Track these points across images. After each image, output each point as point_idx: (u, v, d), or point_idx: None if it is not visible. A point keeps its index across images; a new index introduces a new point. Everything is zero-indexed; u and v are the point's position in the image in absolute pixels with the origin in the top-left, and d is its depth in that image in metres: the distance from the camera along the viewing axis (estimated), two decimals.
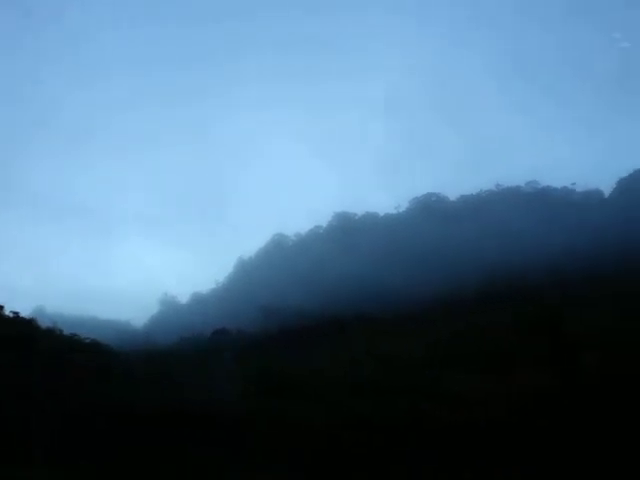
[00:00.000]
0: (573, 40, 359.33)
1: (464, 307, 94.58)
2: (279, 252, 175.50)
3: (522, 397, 59.12)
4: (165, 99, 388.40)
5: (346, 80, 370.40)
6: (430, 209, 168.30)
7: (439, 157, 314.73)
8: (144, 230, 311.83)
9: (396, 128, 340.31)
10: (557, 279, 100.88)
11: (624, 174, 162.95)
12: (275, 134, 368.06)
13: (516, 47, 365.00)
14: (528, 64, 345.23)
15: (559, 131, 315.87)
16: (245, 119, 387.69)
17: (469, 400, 59.74)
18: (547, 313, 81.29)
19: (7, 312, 69.66)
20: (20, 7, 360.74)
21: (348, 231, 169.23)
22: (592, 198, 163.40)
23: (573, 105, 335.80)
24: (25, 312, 71.83)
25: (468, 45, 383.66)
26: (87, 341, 72.76)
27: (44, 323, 69.16)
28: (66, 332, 70.66)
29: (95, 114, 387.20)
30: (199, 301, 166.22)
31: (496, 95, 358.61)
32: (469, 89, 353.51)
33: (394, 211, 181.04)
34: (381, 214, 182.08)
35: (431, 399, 60.67)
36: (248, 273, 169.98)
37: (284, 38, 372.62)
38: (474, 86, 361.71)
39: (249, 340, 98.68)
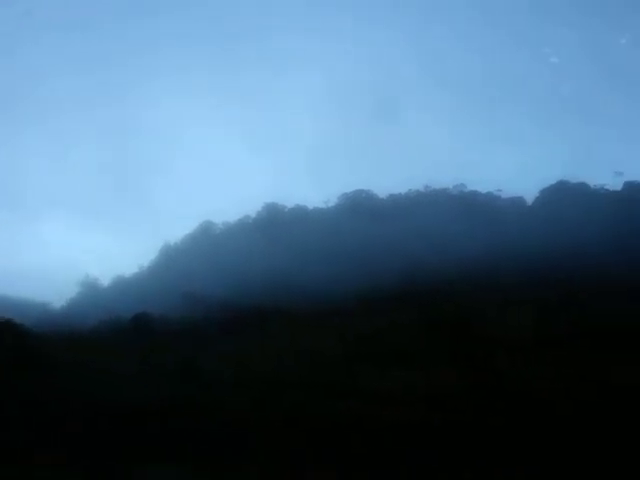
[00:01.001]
0: (504, 50, 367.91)
1: (385, 305, 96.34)
2: (206, 240, 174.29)
3: (436, 393, 61.01)
4: (92, 83, 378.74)
5: (282, 72, 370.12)
6: (358, 206, 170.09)
7: (370, 155, 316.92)
8: (66, 211, 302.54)
9: (329, 123, 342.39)
10: (476, 282, 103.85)
11: (547, 184, 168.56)
12: (208, 122, 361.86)
13: (448, 51, 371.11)
14: (461, 70, 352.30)
15: (488, 138, 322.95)
16: (179, 106, 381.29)
17: (386, 395, 61.21)
18: (464, 314, 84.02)
19: None
20: None
21: (276, 223, 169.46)
22: (515, 205, 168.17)
23: (503, 115, 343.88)
24: None
25: (404, 46, 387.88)
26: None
27: None
28: None
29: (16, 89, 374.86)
30: (121, 285, 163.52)
31: (429, 97, 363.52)
32: (403, 90, 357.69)
33: (323, 205, 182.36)
34: (310, 207, 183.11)
35: (349, 394, 61.87)
36: (173, 259, 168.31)
37: (219, 27, 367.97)
38: (408, 87, 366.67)
39: (170, 326, 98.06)
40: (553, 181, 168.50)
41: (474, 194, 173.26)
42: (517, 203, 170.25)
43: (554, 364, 65.19)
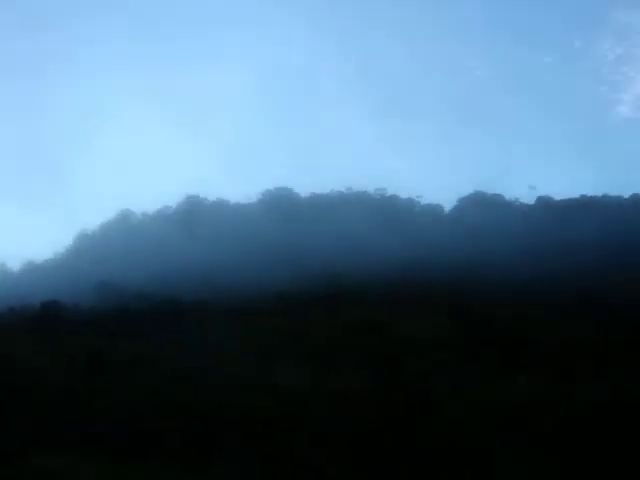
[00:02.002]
0: (431, 60, 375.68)
1: (302, 305, 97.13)
2: (124, 229, 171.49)
3: (349, 394, 62.18)
4: (6, 57, 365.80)
5: (209, 65, 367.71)
6: (280, 203, 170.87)
7: (295, 154, 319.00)
8: None
9: (255, 120, 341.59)
10: (392, 285, 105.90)
11: (465, 193, 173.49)
12: (131, 110, 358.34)
13: (376, 57, 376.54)
14: (390, 77, 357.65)
15: (411, 145, 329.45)
16: (102, 89, 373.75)
17: (300, 395, 61.98)
18: (379, 317, 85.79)
19: None
20: None
21: (197, 215, 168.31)
22: (433, 212, 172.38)
23: (427, 123, 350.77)
24: None
25: (332, 47, 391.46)
26: None
27: None
28: None
29: None
30: (32, 271, 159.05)
31: (355, 100, 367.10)
32: (330, 91, 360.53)
33: (245, 201, 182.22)
34: (232, 202, 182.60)
35: (262, 393, 62.35)
36: (89, 247, 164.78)
37: (146, 19, 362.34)
38: (335, 88, 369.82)
39: (82, 316, 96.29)
40: (471, 191, 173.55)
41: (394, 199, 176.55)
42: (435, 210, 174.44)
43: (460, 370, 67.43)
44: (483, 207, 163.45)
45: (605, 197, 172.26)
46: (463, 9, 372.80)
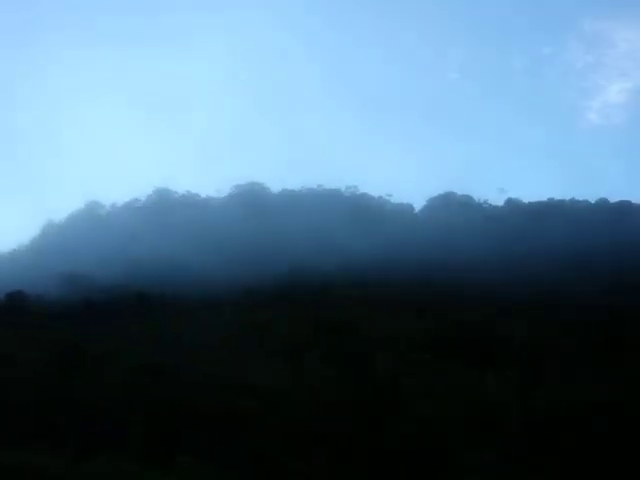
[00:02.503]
0: (407, 60, 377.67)
1: (270, 300, 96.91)
2: (91, 220, 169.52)
3: (310, 391, 62.13)
4: None
5: (183, 56, 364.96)
6: (251, 198, 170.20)
7: (268, 149, 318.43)
8: None
9: (229, 113, 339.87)
10: (361, 283, 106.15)
11: (435, 194, 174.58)
12: (102, 99, 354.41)
13: (351, 57, 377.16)
14: (364, 77, 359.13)
15: (383, 144, 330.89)
16: (71, 77, 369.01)
17: (260, 389, 61.78)
18: (346, 314, 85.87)
19: None
20: None
21: (167, 208, 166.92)
22: (403, 211, 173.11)
23: (400, 123, 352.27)
24: None
25: (306, 46, 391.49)
26: None
27: None
28: None
29: None
30: None
31: (331, 99, 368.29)
32: (305, 89, 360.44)
33: (216, 195, 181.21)
34: (202, 196, 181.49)
35: (228, 386, 62.02)
36: (55, 238, 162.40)
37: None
38: (311, 87, 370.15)
39: (48, 308, 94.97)
40: (441, 191, 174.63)
41: (365, 196, 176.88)
42: (405, 209, 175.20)
43: (429, 369, 67.79)
44: (453, 208, 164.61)
45: (573, 201, 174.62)
46: (436, 12, 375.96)
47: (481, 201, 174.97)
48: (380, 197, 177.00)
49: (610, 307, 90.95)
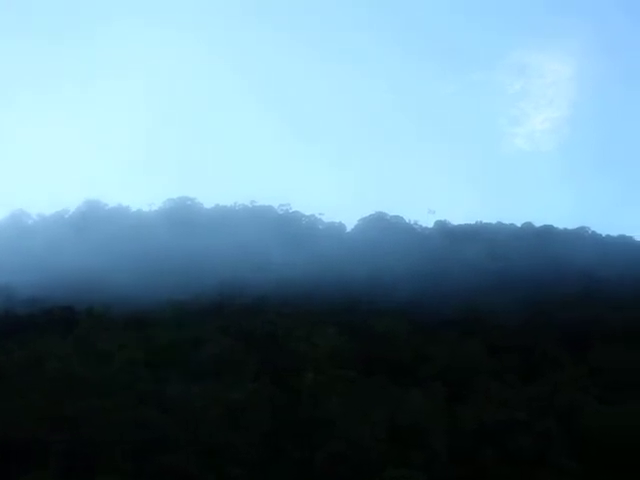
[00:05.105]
0: (343, 82, 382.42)
1: (196, 315, 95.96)
2: (16, 230, 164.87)
3: (238, 406, 61.95)
4: None
5: (113, 69, 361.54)
6: (182, 212, 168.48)
7: (204, 165, 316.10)
8: None
9: (164, 127, 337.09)
10: (289, 300, 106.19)
11: (366, 214, 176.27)
12: (37, 108, 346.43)
13: (288, 77, 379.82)
14: (300, 99, 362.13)
15: (317, 163, 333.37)
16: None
17: (185, 405, 61.25)
18: (273, 331, 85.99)
19: None
20: None
21: (95, 220, 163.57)
22: (335, 230, 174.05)
23: (335, 146, 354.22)
24: None
25: (246, 66, 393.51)
26: None
27: None
28: None
29: None
30: None
31: (267, 120, 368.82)
32: (241, 106, 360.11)
33: (147, 208, 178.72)
34: (133, 209, 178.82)
35: (149, 402, 61.25)
36: None
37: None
38: (245, 104, 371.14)
39: None
40: (372, 212, 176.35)
41: (297, 215, 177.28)
42: (337, 228, 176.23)
43: (355, 385, 68.48)
44: (383, 228, 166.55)
45: (499, 224, 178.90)
46: (369, 34, 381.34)
47: (411, 222, 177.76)
48: (312, 215, 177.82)
49: (532, 328, 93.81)
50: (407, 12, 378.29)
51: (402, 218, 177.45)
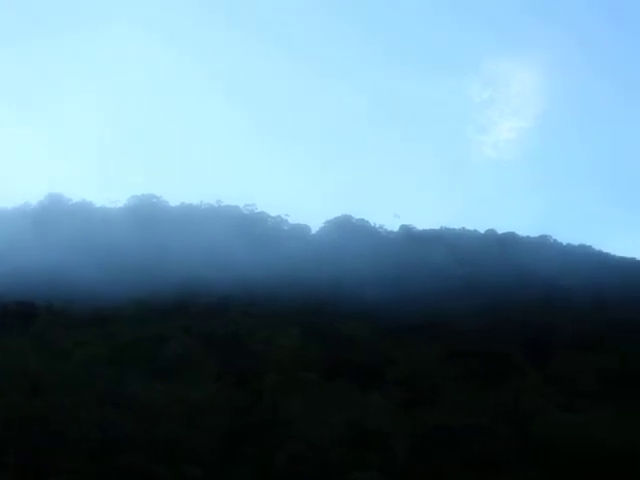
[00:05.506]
0: (313, 86, 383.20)
1: (158, 313, 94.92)
2: None
3: (198, 406, 61.37)
4: None
5: (79, 63, 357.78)
6: (147, 209, 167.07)
7: (171, 163, 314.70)
8: None
9: (133, 124, 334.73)
10: (252, 301, 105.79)
11: (332, 217, 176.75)
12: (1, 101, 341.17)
13: (258, 78, 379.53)
14: (269, 100, 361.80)
15: (285, 165, 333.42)
16: None
17: (145, 403, 60.46)
18: (235, 331, 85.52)
19: None
20: None
21: (57, 215, 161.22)
22: (300, 231, 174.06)
23: (302, 148, 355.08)
24: None
25: (217, 64, 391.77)
26: None
27: None
28: None
29: None
30: None
31: (236, 120, 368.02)
32: (209, 108, 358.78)
33: (111, 205, 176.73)
34: (97, 205, 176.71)
35: (107, 402, 60.32)
36: None
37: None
38: (214, 106, 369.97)
39: None
40: (338, 214, 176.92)
41: (263, 216, 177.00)
42: (302, 229, 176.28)
43: (316, 387, 68.30)
44: (348, 231, 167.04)
45: (463, 230, 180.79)
46: (340, 37, 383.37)
47: (377, 226, 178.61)
48: (278, 216, 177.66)
49: (494, 334, 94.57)
50: (379, 16, 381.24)
51: (367, 222, 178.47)
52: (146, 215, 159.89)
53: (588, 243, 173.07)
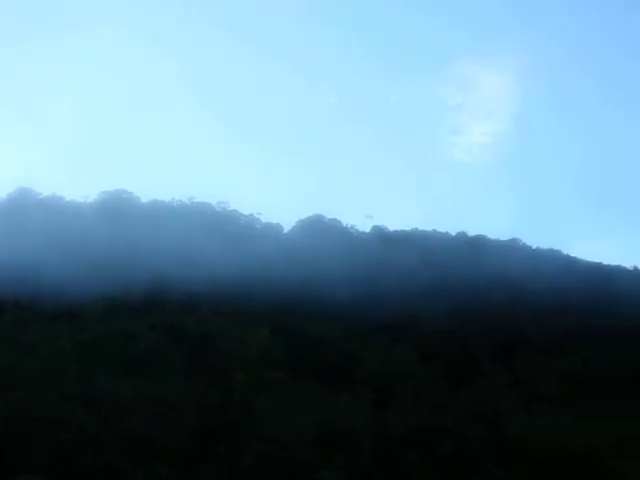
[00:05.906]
0: (289, 85, 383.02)
1: (127, 310, 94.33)
2: None
3: (166, 404, 61.22)
4: None
5: (55, 57, 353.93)
6: (118, 205, 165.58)
7: (143, 159, 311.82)
8: None
9: (105, 119, 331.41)
10: (223, 299, 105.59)
11: (304, 216, 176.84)
12: None
13: (233, 76, 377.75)
14: (244, 98, 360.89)
15: (258, 163, 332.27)
16: None
17: (112, 400, 60.21)
18: (204, 329, 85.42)
19: None
20: None
21: (26, 209, 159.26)
22: (272, 230, 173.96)
23: (276, 146, 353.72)
24: None
25: (191, 62, 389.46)
26: None
27: None
28: None
29: None
30: None
31: (210, 118, 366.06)
32: (183, 105, 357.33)
33: (81, 199, 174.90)
34: (67, 199, 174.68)
35: (74, 398, 59.97)
36: None
37: None
38: (188, 104, 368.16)
39: None
40: (310, 214, 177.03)
41: (235, 214, 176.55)
42: (274, 228, 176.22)
43: (285, 387, 68.53)
44: (320, 230, 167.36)
45: (434, 232, 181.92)
46: (311, 37, 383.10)
47: (348, 226, 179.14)
48: (250, 215, 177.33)
49: (462, 335, 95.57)
50: (351, 17, 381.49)
51: (340, 222, 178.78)
52: (117, 210, 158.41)
53: (557, 247, 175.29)
